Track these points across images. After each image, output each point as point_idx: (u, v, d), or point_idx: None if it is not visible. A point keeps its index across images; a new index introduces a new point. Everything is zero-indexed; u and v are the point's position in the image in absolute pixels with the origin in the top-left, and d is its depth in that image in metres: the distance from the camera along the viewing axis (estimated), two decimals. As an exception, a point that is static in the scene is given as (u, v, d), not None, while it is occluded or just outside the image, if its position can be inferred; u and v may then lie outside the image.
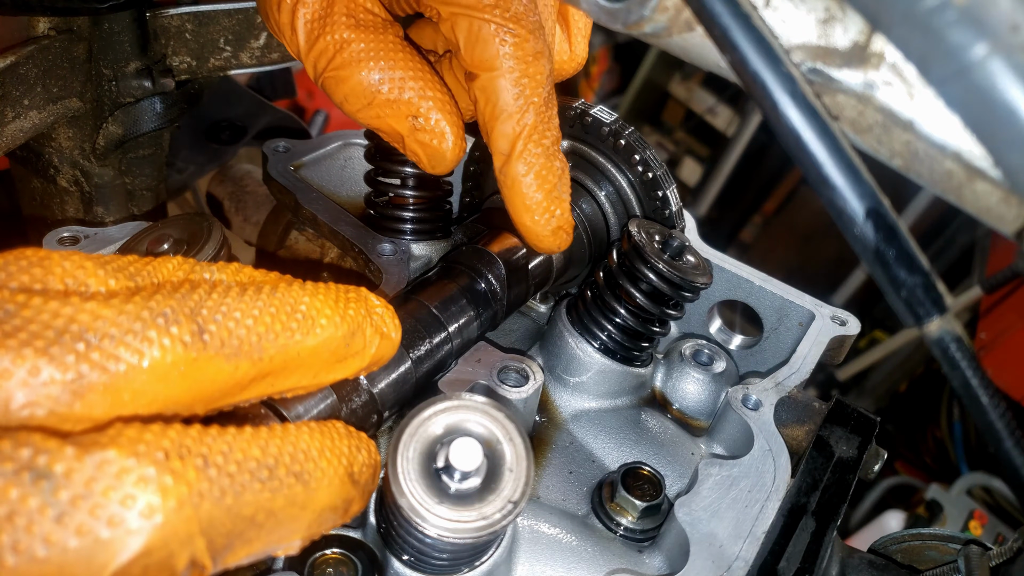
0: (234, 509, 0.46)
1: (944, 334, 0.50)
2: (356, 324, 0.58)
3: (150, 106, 1.08)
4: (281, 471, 0.49)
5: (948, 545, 0.89)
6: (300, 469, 0.50)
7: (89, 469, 0.40)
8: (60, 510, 0.39)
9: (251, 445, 0.48)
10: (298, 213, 1.03)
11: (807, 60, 0.55)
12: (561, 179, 0.83)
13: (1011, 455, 0.51)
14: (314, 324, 0.55)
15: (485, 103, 0.79)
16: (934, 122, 0.52)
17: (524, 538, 0.75)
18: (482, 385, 0.79)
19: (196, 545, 0.44)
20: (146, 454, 0.42)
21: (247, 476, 0.47)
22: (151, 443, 0.43)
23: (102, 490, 0.40)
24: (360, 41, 0.77)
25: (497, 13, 0.75)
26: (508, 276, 0.88)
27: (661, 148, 5.82)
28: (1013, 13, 0.44)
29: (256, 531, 0.48)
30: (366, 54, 0.77)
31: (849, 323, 1.00)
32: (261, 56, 1.14)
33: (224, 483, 0.45)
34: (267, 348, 0.51)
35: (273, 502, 0.48)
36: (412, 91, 0.78)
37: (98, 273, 0.49)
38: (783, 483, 0.79)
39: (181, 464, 0.43)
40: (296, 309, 0.54)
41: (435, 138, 0.79)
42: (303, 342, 0.54)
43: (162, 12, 1.05)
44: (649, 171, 0.96)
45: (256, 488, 0.47)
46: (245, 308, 0.51)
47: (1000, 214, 0.53)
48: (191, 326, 0.48)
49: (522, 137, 0.79)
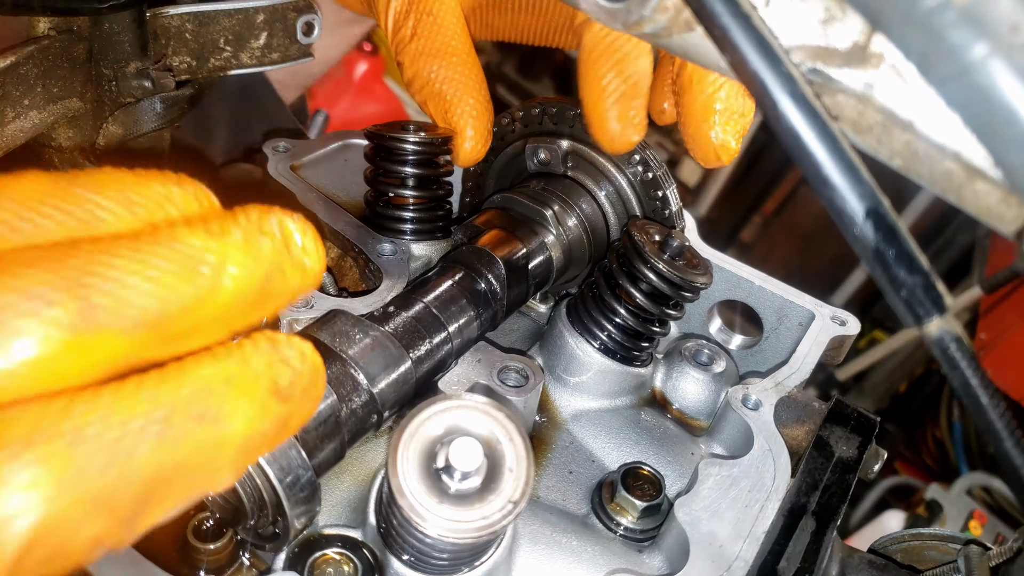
0: (127, 475, 0.41)
1: (944, 334, 0.50)
2: (272, 263, 0.49)
3: (150, 106, 1.08)
4: (177, 418, 0.43)
5: (948, 545, 0.89)
6: (202, 409, 0.44)
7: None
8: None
9: (134, 401, 0.42)
10: (298, 213, 1.03)
11: (807, 60, 0.55)
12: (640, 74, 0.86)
13: (1011, 455, 0.51)
14: (222, 274, 0.46)
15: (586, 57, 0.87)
16: (934, 122, 0.52)
17: (524, 538, 0.75)
18: (482, 385, 0.79)
19: (96, 521, 0.40)
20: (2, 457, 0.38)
21: (132, 437, 0.42)
22: (4, 437, 0.39)
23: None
24: (423, 37, 0.93)
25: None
26: (508, 276, 0.88)
27: (661, 148, 5.81)
28: (1013, 13, 0.44)
29: (166, 487, 0.43)
30: (427, 50, 0.93)
31: (849, 323, 1.00)
32: (261, 56, 1.14)
33: (104, 456, 0.40)
34: (170, 312, 0.44)
35: (176, 454, 0.43)
36: (451, 90, 0.92)
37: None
38: (783, 483, 0.79)
39: (47, 448, 0.39)
40: (201, 259, 0.45)
41: (456, 135, 0.93)
42: (211, 298, 0.46)
43: (162, 12, 1.05)
44: (649, 171, 0.96)
45: (149, 447, 0.42)
46: (140, 268, 0.43)
47: (1000, 214, 0.53)
48: (75, 303, 0.41)
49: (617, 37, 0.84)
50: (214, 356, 0.47)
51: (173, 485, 0.44)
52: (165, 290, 0.44)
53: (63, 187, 0.45)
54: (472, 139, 0.93)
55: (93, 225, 0.45)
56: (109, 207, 0.45)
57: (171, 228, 0.46)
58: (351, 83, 3.85)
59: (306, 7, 1.14)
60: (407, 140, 0.94)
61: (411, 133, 0.94)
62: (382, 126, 0.97)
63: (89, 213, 0.45)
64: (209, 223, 0.47)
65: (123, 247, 0.43)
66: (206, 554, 0.70)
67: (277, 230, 0.50)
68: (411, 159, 0.95)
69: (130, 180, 0.47)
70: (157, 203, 0.48)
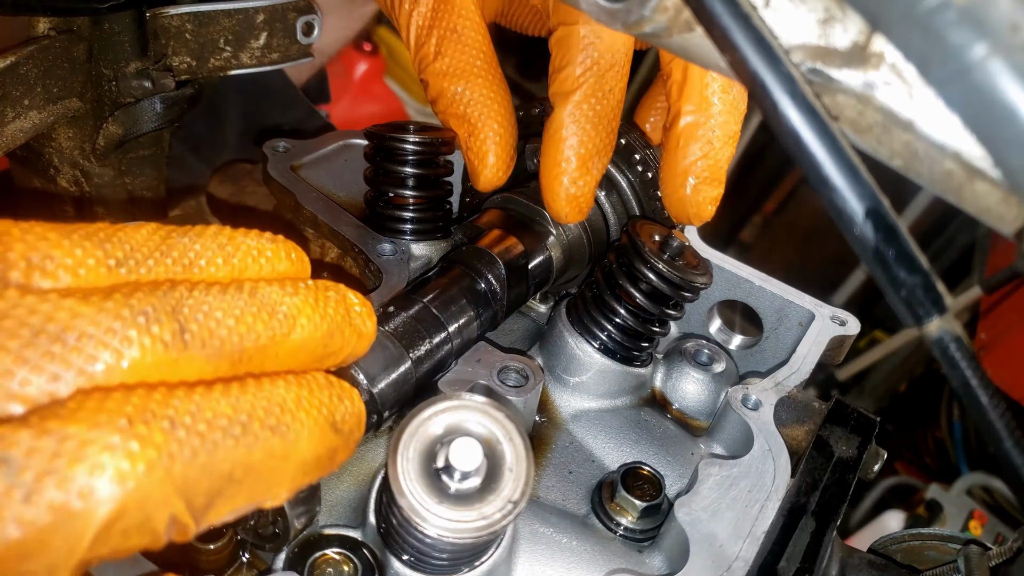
0: (209, 467, 0.46)
1: (944, 334, 0.50)
2: (335, 324, 0.57)
3: (150, 106, 1.08)
4: (255, 425, 0.49)
5: (948, 545, 0.89)
6: (276, 422, 0.50)
7: (51, 446, 0.40)
8: (27, 490, 0.39)
9: (221, 402, 0.48)
10: (298, 213, 1.03)
11: (807, 60, 0.55)
12: (598, 154, 0.85)
13: (1011, 455, 0.51)
14: (294, 324, 0.54)
15: (555, 55, 0.83)
16: (934, 122, 0.52)
17: (524, 538, 0.75)
18: (482, 385, 0.79)
19: (174, 505, 0.44)
20: (108, 423, 0.42)
21: (218, 433, 0.46)
22: (113, 411, 0.43)
23: (67, 464, 0.40)
24: (447, 57, 0.89)
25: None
26: (508, 276, 0.88)
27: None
28: (1013, 13, 0.44)
29: (236, 487, 0.48)
30: (452, 71, 0.89)
31: (849, 323, 1.00)
32: (261, 56, 1.14)
33: (195, 442, 0.45)
34: (247, 348, 0.51)
35: (250, 457, 0.48)
36: (476, 113, 0.88)
37: (63, 244, 0.48)
38: (783, 483, 0.79)
39: (147, 428, 0.43)
40: (277, 310, 0.54)
41: (477, 157, 0.89)
42: (283, 343, 0.54)
43: (162, 12, 1.05)
44: (649, 171, 0.96)
45: (230, 444, 0.47)
46: (226, 307, 0.51)
47: (1000, 214, 0.53)
48: (172, 325, 0.48)
49: (577, 92, 0.82)
50: (287, 380, 0.53)
51: (242, 487, 0.48)
52: (245, 328, 0.51)
53: (174, 237, 0.54)
54: (493, 167, 0.89)
55: (192, 270, 0.53)
56: (208, 256, 0.55)
57: (255, 281, 0.54)
58: (351, 83, 3.85)
59: (306, 7, 1.14)
60: (407, 140, 0.94)
61: (411, 133, 0.94)
62: (382, 126, 0.97)
63: (190, 260, 0.54)
64: (286, 282, 0.56)
65: (214, 288, 0.51)
66: (206, 554, 0.70)
67: (341, 298, 0.59)
68: (411, 159, 0.95)
69: (227, 234, 0.56)
70: (251, 256, 0.57)
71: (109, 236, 0.50)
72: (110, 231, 0.51)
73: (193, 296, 0.50)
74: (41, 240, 0.47)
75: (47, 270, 0.47)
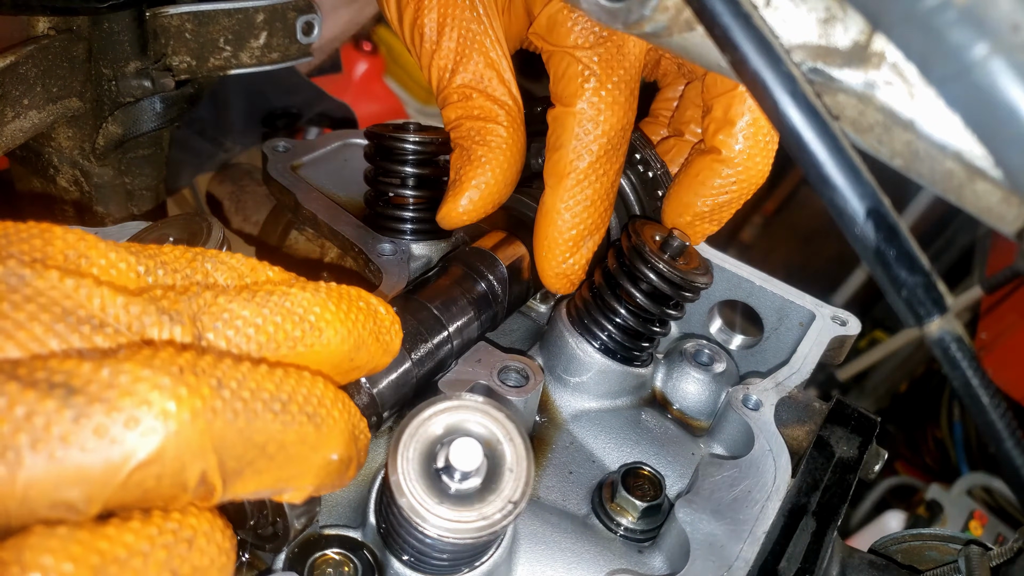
0: (246, 433, 0.46)
1: (945, 334, 0.50)
2: (361, 338, 0.57)
3: (150, 106, 1.08)
4: (294, 407, 0.49)
5: (948, 545, 0.89)
6: (313, 411, 0.51)
7: (106, 376, 0.42)
8: (77, 411, 0.40)
9: (265, 378, 0.49)
10: (298, 213, 1.03)
11: (807, 60, 0.55)
12: (591, 234, 0.85)
13: (1012, 455, 0.51)
14: (320, 335, 0.54)
15: (551, 133, 0.83)
16: (935, 122, 0.52)
17: (524, 538, 0.75)
18: (482, 385, 0.79)
19: (208, 460, 0.44)
20: (161, 367, 0.43)
21: (260, 404, 0.47)
22: (166, 359, 0.44)
23: (118, 395, 0.41)
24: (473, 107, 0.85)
25: (586, 54, 0.79)
26: (508, 276, 0.88)
27: (661, 148, 5.80)
28: (1014, 13, 0.44)
29: (267, 462, 0.48)
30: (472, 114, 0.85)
31: (849, 323, 1.00)
32: (261, 56, 1.14)
33: (237, 405, 0.46)
34: (268, 358, 0.51)
35: (284, 435, 0.48)
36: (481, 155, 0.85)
37: (99, 246, 0.50)
38: (783, 483, 0.79)
39: (196, 380, 0.44)
40: (304, 318, 0.53)
41: (453, 189, 0.86)
42: (306, 354, 0.54)
43: (162, 12, 1.05)
44: (649, 170, 0.96)
45: (268, 418, 0.47)
46: (248, 314, 0.51)
47: (1001, 214, 0.53)
48: (191, 329, 0.48)
49: (569, 176, 0.82)
50: (324, 380, 0.53)
51: (272, 463, 0.49)
52: (267, 337, 0.52)
53: (200, 257, 0.55)
54: (465, 208, 0.85)
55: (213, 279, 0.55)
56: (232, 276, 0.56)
57: (282, 285, 0.55)
58: (351, 83, 3.85)
59: (306, 7, 1.14)
60: (407, 140, 0.94)
61: (411, 133, 0.94)
62: (382, 126, 0.97)
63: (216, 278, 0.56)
64: (316, 289, 0.55)
65: (240, 294, 0.52)
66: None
67: (370, 311, 0.58)
68: (411, 159, 0.95)
69: (251, 264, 0.58)
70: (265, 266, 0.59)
71: (142, 248, 0.53)
72: (141, 246, 0.53)
73: (216, 302, 0.50)
74: (80, 240, 0.50)
75: (82, 268, 0.49)
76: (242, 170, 1.45)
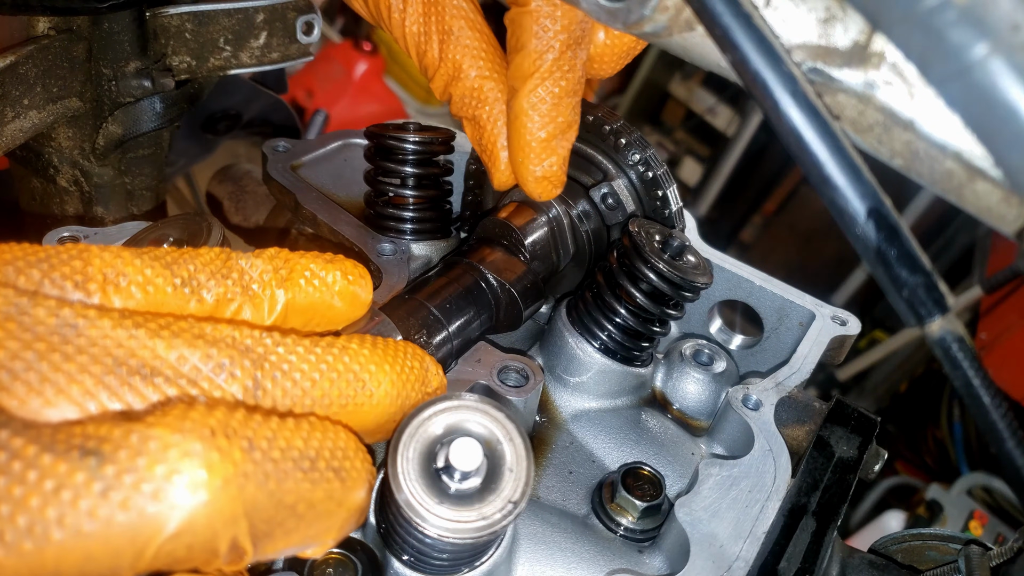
0: (276, 495, 0.45)
1: (946, 334, 0.50)
2: (409, 398, 0.58)
3: (150, 106, 1.08)
4: (322, 464, 0.49)
5: (948, 545, 0.89)
6: (339, 464, 0.50)
7: (135, 444, 0.41)
8: (106, 484, 0.39)
9: (294, 435, 0.48)
10: (298, 213, 1.03)
11: (808, 60, 0.55)
12: (564, 132, 0.84)
13: (1012, 455, 0.51)
14: (372, 397, 0.54)
15: (510, 35, 0.82)
16: (935, 122, 0.52)
17: (524, 538, 0.75)
18: (482, 385, 0.79)
19: (239, 526, 0.43)
20: (192, 430, 0.42)
21: (290, 464, 0.46)
22: (197, 421, 0.43)
23: (147, 464, 0.40)
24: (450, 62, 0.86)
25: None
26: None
27: (661, 148, 5.81)
28: (1013, 13, 0.44)
29: (296, 521, 0.48)
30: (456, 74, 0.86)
31: (849, 323, 1.00)
32: (261, 56, 1.14)
33: (268, 467, 0.45)
34: (318, 413, 0.51)
35: (313, 493, 0.48)
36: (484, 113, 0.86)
37: (135, 263, 0.51)
38: (783, 483, 0.79)
39: (227, 443, 0.43)
40: (359, 376, 0.53)
41: (489, 158, 0.88)
42: (355, 412, 0.54)
43: (162, 12, 1.05)
44: (649, 170, 0.96)
45: (299, 477, 0.47)
46: (307, 369, 0.51)
47: (1001, 214, 0.53)
48: (248, 379, 0.48)
49: (534, 76, 0.80)
50: (345, 429, 0.53)
51: (301, 522, 0.48)
52: (321, 393, 0.52)
53: (233, 260, 0.56)
54: (506, 169, 0.87)
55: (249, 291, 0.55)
56: (264, 280, 0.56)
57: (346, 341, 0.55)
58: (351, 83, 3.86)
59: (306, 7, 1.14)
60: (407, 140, 0.94)
61: (411, 133, 0.94)
62: (382, 126, 0.97)
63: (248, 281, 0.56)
64: (373, 345, 0.56)
65: (300, 345, 0.52)
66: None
67: (423, 370, 0.59)
68: (411, 159, 0.95)
69: (284, 256, 0.58)
70: (304, 277, 0.58)
71: (176, 259, 0.53)
72: (176, 254, 0.54)
73: (276, 352, 0.50)
74: (116, 258, 0.50)
75: (120, 286, 0.49)
76: (242, 170, 1.45)
